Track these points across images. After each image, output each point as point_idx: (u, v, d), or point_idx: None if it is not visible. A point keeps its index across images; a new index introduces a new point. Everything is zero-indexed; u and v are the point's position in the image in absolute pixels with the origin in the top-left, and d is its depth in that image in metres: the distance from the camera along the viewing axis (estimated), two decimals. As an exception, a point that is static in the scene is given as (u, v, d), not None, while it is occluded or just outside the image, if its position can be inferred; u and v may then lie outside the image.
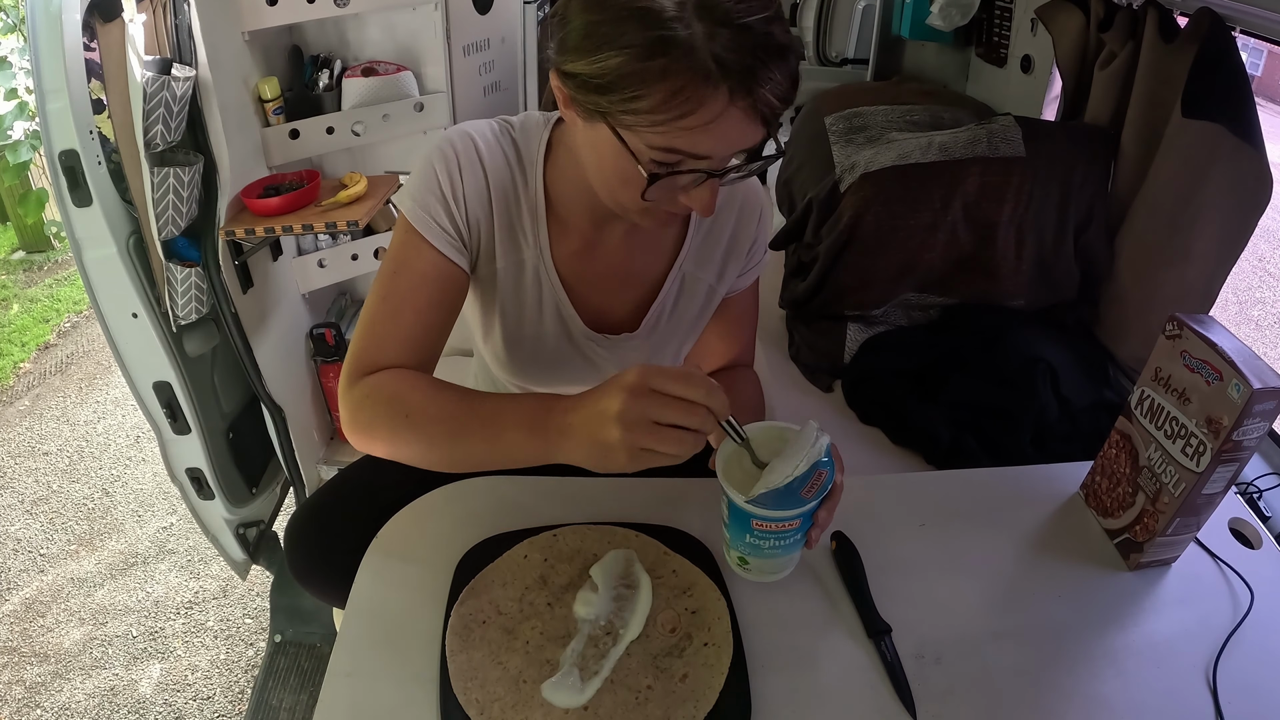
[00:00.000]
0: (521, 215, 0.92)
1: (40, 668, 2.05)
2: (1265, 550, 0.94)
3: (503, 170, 0.90)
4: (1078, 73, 1.60)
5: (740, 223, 1.01)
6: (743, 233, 1.02)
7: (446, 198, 0.88)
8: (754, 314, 1.12)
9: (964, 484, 1.05)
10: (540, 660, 0.76)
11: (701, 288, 1.03)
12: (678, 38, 0.65)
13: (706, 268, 1.01)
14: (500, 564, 0.84)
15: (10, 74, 3.37)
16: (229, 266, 1.64)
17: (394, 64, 1.89)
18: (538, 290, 0.97)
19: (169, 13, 1.42)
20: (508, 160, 0.91)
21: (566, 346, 1.01)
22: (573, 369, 1.05)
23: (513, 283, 0.96)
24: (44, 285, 3.91)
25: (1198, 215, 1.35)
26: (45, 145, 1.34)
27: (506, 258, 0.94)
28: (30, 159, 3.52)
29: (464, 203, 0.88)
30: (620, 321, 1.02)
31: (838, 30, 2.58)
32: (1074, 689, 0.77)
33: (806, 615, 0.83)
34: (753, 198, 1.02)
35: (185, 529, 2.47)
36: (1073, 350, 1.51)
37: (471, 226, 0.90)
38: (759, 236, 1.03)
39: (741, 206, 1.01)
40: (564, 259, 0.96)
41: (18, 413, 3.06)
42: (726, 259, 1.02)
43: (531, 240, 0.94)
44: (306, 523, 1.10)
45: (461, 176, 0.88)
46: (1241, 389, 0.75)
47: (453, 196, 0.88)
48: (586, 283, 0.98)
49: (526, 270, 0.95)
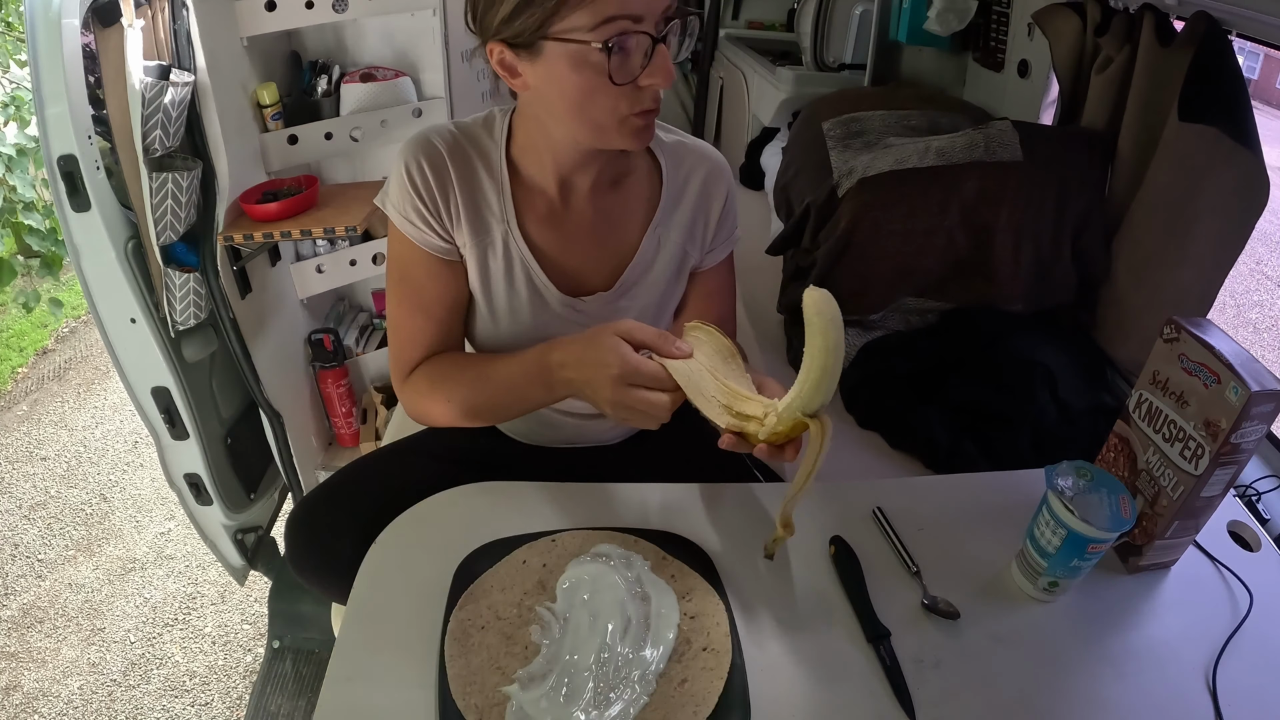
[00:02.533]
0: (487, 195, 0.98)
1: (38, 674, 2.04)
2: (1264, 553, 0.94)
3: (465, 158, 0.97)
4: (1074, 77, 1.61)
5: (706, 186, 1.05)
6: (711, 199, 1.05)
7: (422, 197, 0.95)
8: (730, 293, 1.13)
9: (963, 488, 1.05)
10: None
11: (675, 249, 1.05)
12: None
13: (678, 229, 1.04)
14: (499, 569, 0.84)
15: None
16: (227, 272, 1.64)
17: (392, 69, 1.89)
18: (509, 262, 1.00)
19: (168, 18, 1.43)
20: (467, 149, 0.97)
21: (543, 314, 1.03)
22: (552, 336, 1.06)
23: (484, 259, 1.00)
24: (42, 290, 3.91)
25: (1195, 219, 1.35)
26: (44, 150, 1.34)
27: (477, 236, 0.98)
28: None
29: (435, 197, 0.95)
30: (595, 285, 1.04)
31: (835, 35, 2.59)
32: (1073, 693, 0.77)
33: (805, 620, 0.83)
34: (716, 168, 1.06)
35: (183, 534, 2.46)
36: (1071, 354, 1.51)
37: (448, 215, 0.97)
38: (728, 208, 1.06)
39: (708, 174, 1.05)
40: (535, 229, 1.00)
41: (15, 418, 3.06)
42: (695, 220, 1.05)
43: (499, 215, 0.98)
44: (308, 516, 1.11)
45: (429, 175, 0.95)
46: (1239, 392, 0.75)
47: (427, 195, 0.95)
48: (559, 250, 1.01)
49: (497, 245, 0.99)
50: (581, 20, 0.78)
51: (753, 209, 2.51)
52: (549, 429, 1.17)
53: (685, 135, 1.07)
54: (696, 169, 1.05)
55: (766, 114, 2.61)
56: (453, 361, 1.00)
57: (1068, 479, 0.83)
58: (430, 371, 1.00)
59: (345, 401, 2.08)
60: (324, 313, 2.19)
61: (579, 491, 0.97)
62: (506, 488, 0.97)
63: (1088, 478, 0.83)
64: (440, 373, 0.99)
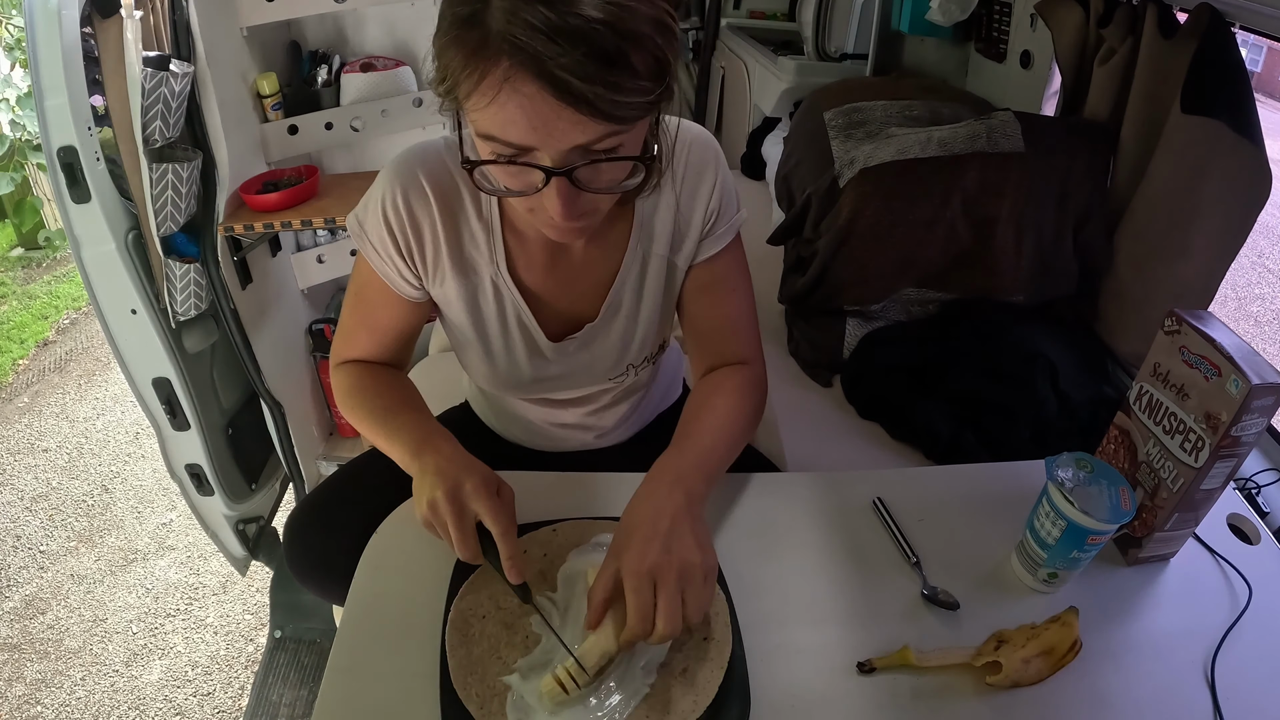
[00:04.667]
0: (475, 235, 0.92)
1: (40, 665, 2.05)
2: (1264, 546, 0.94)
3: (453, 195, 0.90)
4: (1077, 68, 1.60)
5: (687, 184, 0.94)
6: (695, 197, 0.94)
7: (394, 235, 0.89)
8: (735, 290, 1.02)
9: (963, 479, 1.05)
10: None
11: (660, 263, 0.98)
12: (473, 12, 0.64)
13: (659, 241, 0.96)
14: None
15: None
16: (228, 262, 1.64)
17: (392, 59, 1.88)
18: (500, 306, 0.96)
19: (167, 8, 1.42)
20: (457, 184, 0.90)
21: (537, 356, 1.00)
22: (550, 377, 1.03)
23: (474, 300, 0.96)
24: (43, 282, 3.91)
25: (1197, 211, 1.35)
26: (44, 142, 1.34)
27: (464, 277, 0.94)
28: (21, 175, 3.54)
29: (409, 238, 0.90)
30: (587, 317, 0.99)
31: (837, 25, 2.58)
32: (1072, 684, 0.77)
33: (805, 609, 0.83)
34: (698, 160, 0.94)
35: (185, 525, 2.47)
36: (1072, 346, 1.51)
37: (421, 258, 0.92)
38: (716, 197, 0.95)
39: (687, 169, 0.93)
40: (526, 272, 0.95)
41: (17, 409, 3.06)
42: (677, 231, 0.96)
43: (488, 258, 0.93)
44: (305, 521, 1.10)
45: (404, 214, 0.88)
46: (1240, 385, 0.75)
47: (400, 233, 0.89)
48: (553, 292, 0.97)
49: (487, 288, 0.95)
50: (473, 116, 0.69)
51: (754, 199, 2.50)
52: (543, 439, 1.18)
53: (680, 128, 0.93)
54: (672, 170, 0.93)
55: (768, 104, 2.60)
56: (375, 386, 0.98)
57: (1068, 470, 0.83)
58: (353, 378, 1.00)
59: (346, 392, 2.08)
60: (325, 303, 2.20)
61: (578, 482, 0.98)
62: (505, 478, 0.97)
63: (1088, 469, 0.83)
64: (359, 386, 0.98)
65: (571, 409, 1.13)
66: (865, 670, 0.77)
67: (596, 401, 1.12)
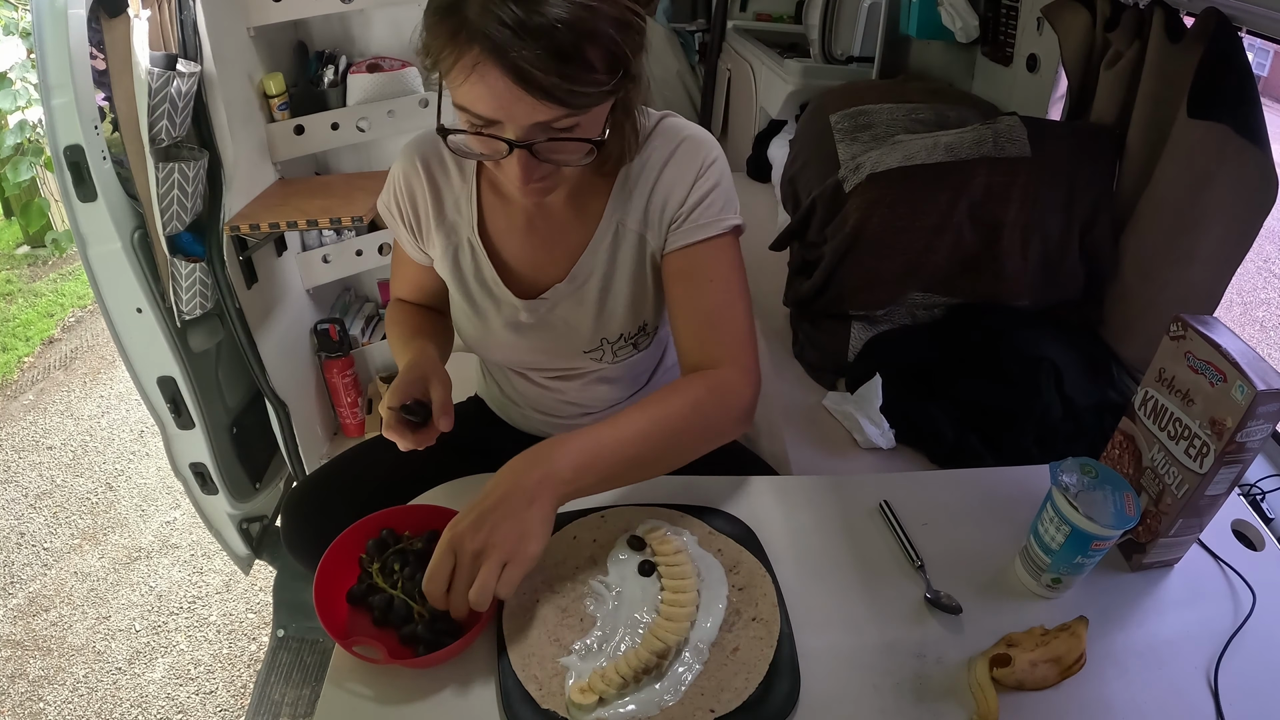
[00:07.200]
0: (458, 200, 1.02)
1: (43, 662, 2.06)
2: (1268, 552, 0.94)
3: (439, 165, 1.02)
4: (1083, 72, 1.60)
5: (670, 166, 0.96)
6: (675, 183, 0.96)
7: (400, 203, 1.04)
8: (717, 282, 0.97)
9: (967, 483, 1.05)
10: None
11: (634, 238, 0.99)
12: (455, 1, 0.74)
13: (632, 215, 0.98)
14: (551, 544, 0.81)
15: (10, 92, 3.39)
16: (233, 262, 1.64)
17: (399, 60, 1.89)
18: (477, 266, 1.04)
19: (174, 8, 1.42)
20: (444, 155, 1.02)
21: (512, 318, 1.05)
22: (526, 343, 1.07)
23: (457, 262, 1.05)
24: (48, 280, 3.93)
25: (1203, 216, 1.34)
26: (50, 140, 1.34)
27: (447, 240, 1.04)
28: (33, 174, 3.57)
29: (406, 205, 1.04)
30: (555, 279, 1.02)
31: (843, 28, 2.57)
32: (1076, 689, 0.77)
33: (808, 613, 0.83)
34: (689, 147, 0.96)
35: (189, 524, 2.48)
36: (1077, 350, 1.50)
37: (417, 224, 1.05)
38: (699, 186, 0.96)
39: (674, 153, 0.96)
40: (500, 234, 1.03)
41: (22, 407, 3.07)
42: (651, 203, 0.97)
43: (466, 219, 1.02)
44: (303, 500, 1.16)
45: (402, 183, 1.03)
46: (1245, 390, 0.74)
47: (400, 201, 1.04)
48: (527, 253, 1.03)
49: (465, 249, 1.04)
50: (451, 88, 0.79)
51: (759, 201, 2.50)
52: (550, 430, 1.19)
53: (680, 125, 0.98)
54: (658, 150, 0.96)
55: (774, 106, 2.60)
56: (401, 319, 1.14)
57: (1072, 475, 0.83)
58: (391, 312, 1.18)
59: (350, 391, 2.09)
60: (329, 303, 2.20)
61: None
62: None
63: (1092, 474, 0.83)
64: (392, 319, 1.16)
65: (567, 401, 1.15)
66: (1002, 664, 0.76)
67: (591, 390, 1.14)
